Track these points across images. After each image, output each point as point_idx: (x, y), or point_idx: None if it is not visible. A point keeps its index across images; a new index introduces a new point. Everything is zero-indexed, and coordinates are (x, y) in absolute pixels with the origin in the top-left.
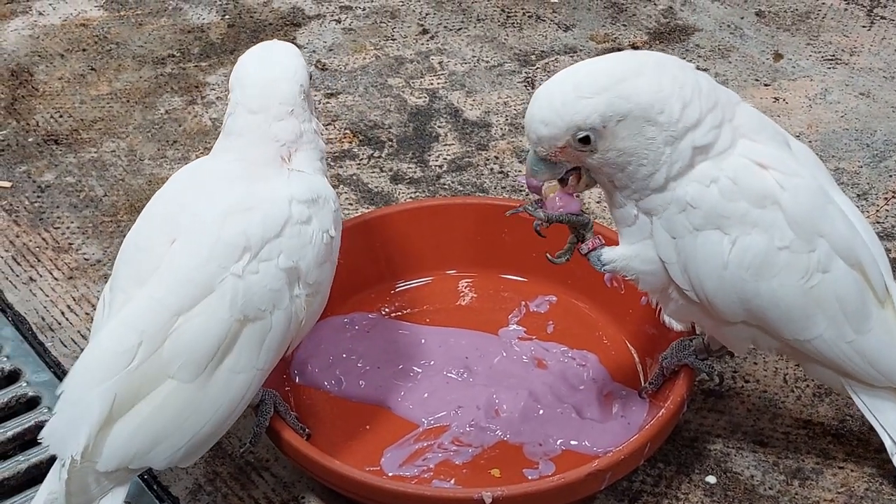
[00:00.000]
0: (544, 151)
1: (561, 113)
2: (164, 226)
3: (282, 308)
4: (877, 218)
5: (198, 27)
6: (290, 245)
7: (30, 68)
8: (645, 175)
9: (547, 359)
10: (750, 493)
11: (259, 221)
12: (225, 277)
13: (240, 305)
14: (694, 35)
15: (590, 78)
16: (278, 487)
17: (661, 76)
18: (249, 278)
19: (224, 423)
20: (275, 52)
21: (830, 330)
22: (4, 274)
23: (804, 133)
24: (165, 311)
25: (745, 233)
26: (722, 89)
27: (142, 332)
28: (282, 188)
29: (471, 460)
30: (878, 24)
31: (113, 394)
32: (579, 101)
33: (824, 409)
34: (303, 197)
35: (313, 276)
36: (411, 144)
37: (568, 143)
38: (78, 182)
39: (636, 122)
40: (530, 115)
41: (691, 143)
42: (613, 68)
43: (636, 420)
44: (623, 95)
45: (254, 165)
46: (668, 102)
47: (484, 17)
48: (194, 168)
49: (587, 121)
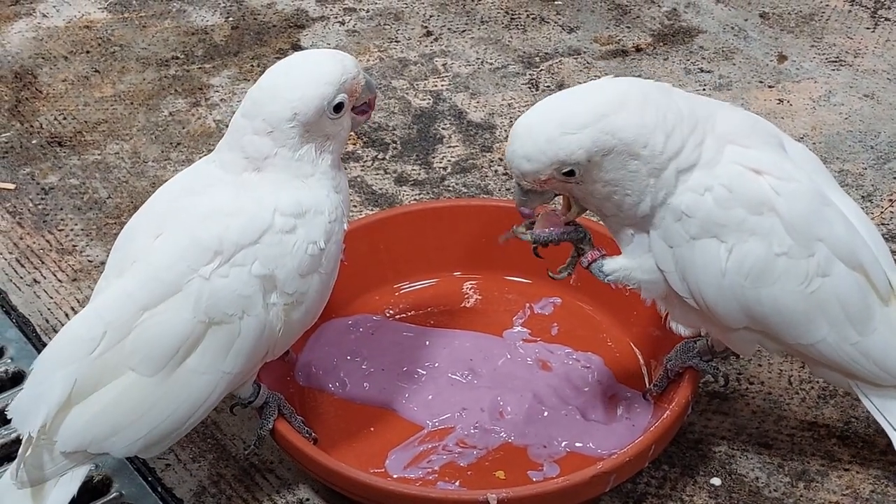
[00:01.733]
0: (528, 185)
1: (544, 149)
2: (154, 220)
3: (253, 314)
4: (881, 220)
5: (201, 29)
6: (268, 253)
7: (33, 70)
8: (631, 204)
9: (551, 361)
10: (755, 495)
11: (237, 227)
12: (192, 278)
13: (203, 307)
14: (698, 37)
15: (573, 112)
16: (283, 489)
17: (643, 108)
18: (217, 281)
19: (185, 420)
20: (302, 68)
21: (834, 333)
22: (9, 276)
23: (808, 135)
24: (133, 305)
25: (742, 240)
26: (699, 103)
27: (108, 322)
28: (267, 197)
29: (475, 462)
30: (882, 26)
31: (74, 378)
32: (563, 137)
33: (829, 410)
34: (288, 209)
35: (293, 287)
36: (415, 146)
37: (552, 175)
38: (82, 184)
39: (620, 156)
40: (512, 150)
41: (675, 169)
42: (596, 102)
43: (641, 422)
44: (607, 131)
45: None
46: (652, 136)
47: (488, 18)
48: (197, 166)
49: (571, 157)
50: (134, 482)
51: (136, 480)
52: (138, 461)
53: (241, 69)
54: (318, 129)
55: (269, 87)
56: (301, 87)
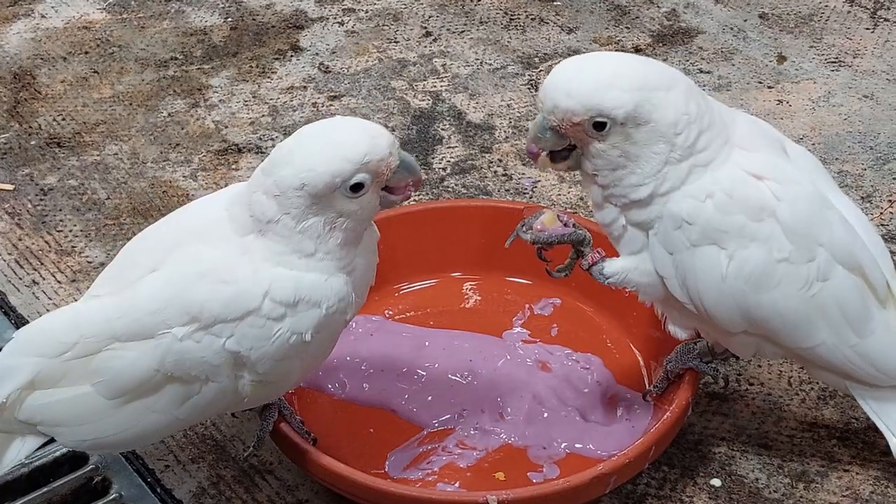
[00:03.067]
0: (555, 122)
1: (591, 92)
2: (161, 247)
3: (216, 381)
4: (881, 220)
5: (200, 30)
6: (246, 333)
7: (32, 71)
8: (631, 183)
9: (551, 362)
10: (755, 496)
11: (222, 299)
12: (165, 333)
13: (168, 364)
14: (697, 38)
15: (627, 71)
16: (283, 491)
17: (689, 98)
18: (187, 344)
19: (130, 442)
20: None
21: (832, 336)
22: (7, 277)
23: (807, 136)
24: (108, 330)
25: (742, 246)
26: (724, 109)
27: (82, 334)
28: (263, 274)
29: (475, 463)
30: (881, 27)
31: (38, 370)
32: (611, 89)
33: (829, 411)
34: (280, 297)
35: (265, 368)
36: (415, 147)
37: (582, 121)
38: (81, 185)
39: (653, 133)
40: (554, 83)
41: (691, 165)
42: (651, 72)
43: (641, 423)
44: (654, 102)
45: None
46: (689, 127)
47: (487, 19)
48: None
49: (613, 111)
50: (133, 483)
51: (135, 481)
52: (137, 462)
53: (240, 70)
54: (328, 205)
55: (288, 149)
56: (316, 157)
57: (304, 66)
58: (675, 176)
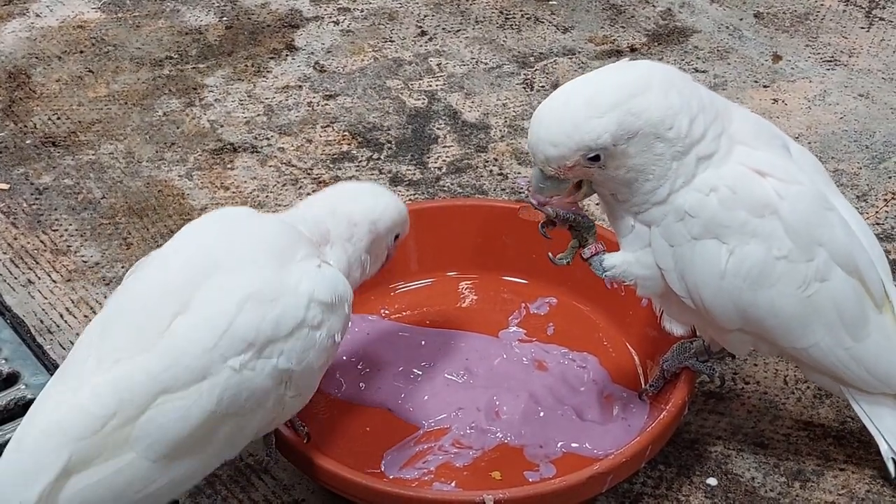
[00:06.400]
0: (552, 171)
1: (570, 134)
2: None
3: (265, 408)
4: (876, 219)
5: (195, 29)
6: (293, 347)
7: (27, 70)
8: (649, 189)
9: (547, 361)
10: (751, 495)
11: (273, 318)
12: (222, 369)
13: (226, 401)
14: (692, 37)
15: (598, 95)
16: (278, 490)
17: (668, 90)
18: (245, 374)
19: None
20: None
21: (828, 338)
22: (3, 276)
23: (803, 135)
24: (156, 387)
25: (743, 242)
26: (716, 96)
27: (122, 399)
28: (306, 282)
29: (471, 463)
30: (876, 26)
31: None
32: (589, 121)
33: (825, 410)
34: (323, 297)
35: (304, 381)
36: (410, 146)
37: (577, 161)
38: (76, 184)
39: (646, 138)
40: (536, 136)
41: (696, 156)
42: (621, 83)
43: (637, 422)
44: (634, 112)
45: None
46: (677, 118)
47: (482, 18)
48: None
49: (598, 141)
50: None
51: None
52: None
53: (236, 69)
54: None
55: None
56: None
57: (299, 66)
58: (685, 170)
